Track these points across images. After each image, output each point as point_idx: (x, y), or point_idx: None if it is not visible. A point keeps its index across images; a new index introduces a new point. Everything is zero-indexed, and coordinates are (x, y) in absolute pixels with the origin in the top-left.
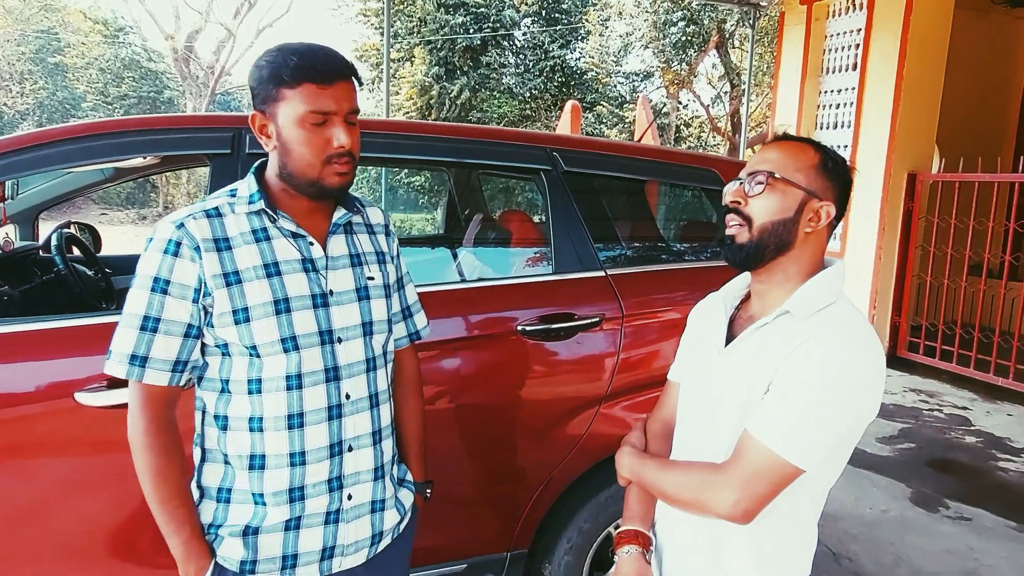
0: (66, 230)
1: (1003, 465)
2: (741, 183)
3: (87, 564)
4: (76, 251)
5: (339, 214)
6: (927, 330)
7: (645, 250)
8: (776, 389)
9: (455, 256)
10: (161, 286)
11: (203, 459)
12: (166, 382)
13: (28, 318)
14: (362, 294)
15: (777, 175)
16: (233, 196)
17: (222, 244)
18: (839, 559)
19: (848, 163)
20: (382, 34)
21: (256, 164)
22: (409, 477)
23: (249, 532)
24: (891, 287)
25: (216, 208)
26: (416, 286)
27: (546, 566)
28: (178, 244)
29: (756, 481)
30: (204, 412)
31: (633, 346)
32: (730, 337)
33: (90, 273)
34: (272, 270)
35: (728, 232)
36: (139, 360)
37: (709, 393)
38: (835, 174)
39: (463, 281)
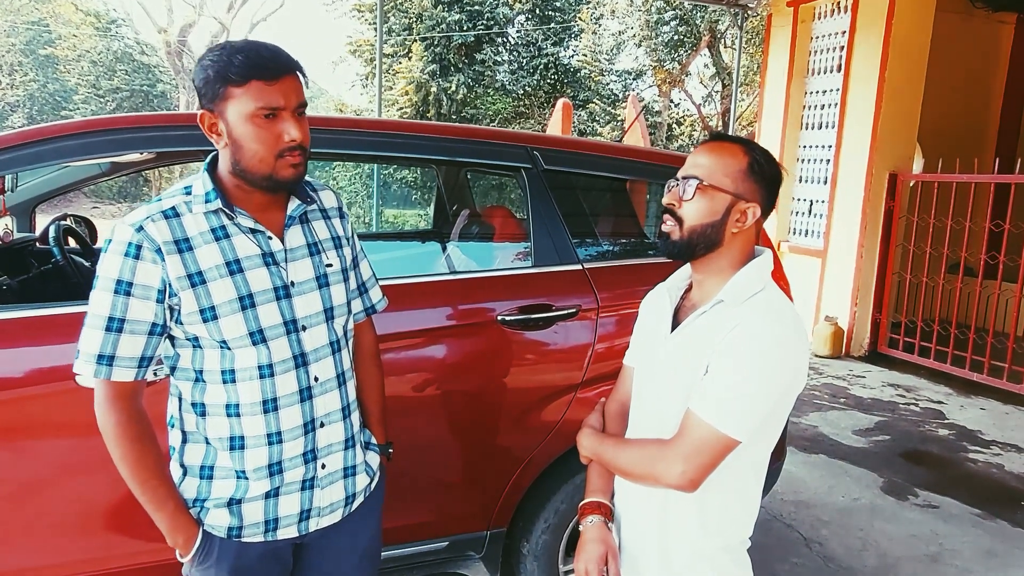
0: (63, 222)
1: (973, 456)
2: (677, 184)
3: (88, 537)
4: (72, 242)
5: (293, 206)
6: (906, 327)
7: (622, 245)
8: (712, 369)
9: (442, 249)
10: (124, 288)
11: (184, 440)
12: (132, 378)
13: (30, 305)
14: (322, 281)
15: (706, 182)
16: (188, 194)
17: (183, 245)
18: (809, 543)
19: (777, 163)
20: (376, 30)
21: (208, 160)
22: (373, 441)
23: (233, 503)
24: (872, 285)
25: (173, 208)
26: (406, 278)
27: (524, 544)
28: (138, 247)
29: (699, 454)
30: (181, 399)
31: (608, 336)
32: (676, 324)
33: (87, 264)
34: (234, 267)
35: (663, 229)
36: (106, 359)
37: (657, 375)
38: (762, 176)
39: (448, 273)
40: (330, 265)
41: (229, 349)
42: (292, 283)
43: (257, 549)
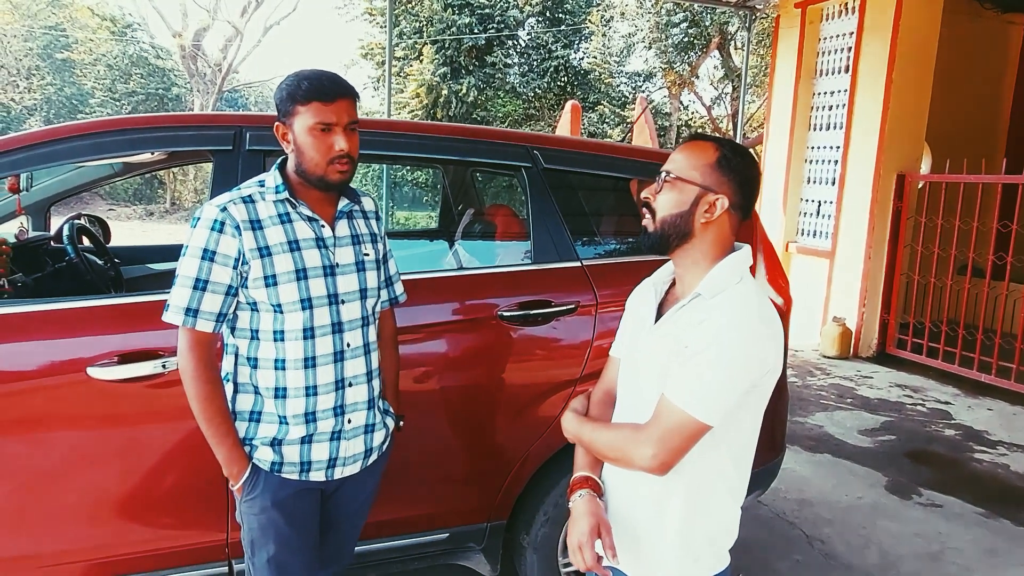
0: (77, 221)
1: (978, 456)
2: (655, 181)
3: (99, 524)
4: (86, 241)
5: (343, 203)
6: (914, 328)
7: (620, 242)
8: (685, 358)
9: (447, 247)
10: (209, 255)
11: (236, 391)
12: (211, 329)
13: (45, 299)
14: (360, 267)
15: (673, 175)
16: (262, 186)
17: (256, 225)
18: (812, 541)
19: (752, 159)
20: (387, 33)
21: (279, 161)
22: (390, 409)
23: (275, 443)
24: (880, 286)
25: (249, 195)
26: (408, 274)
27: (524, 537)
28: (222, 223)
29: (669, 437)
30: (237, 355)
31: (607, 332)
32: (660, 317)
33: (100, 262)
34: (294, 246)
35: (643, 223)
36: (192, 312)
37: (638, 365)
38: (730, 169)
39: (449, 270)
40: (367, 255)
41: (281, 312)
42: (337, 264)
43: (293, 486)
